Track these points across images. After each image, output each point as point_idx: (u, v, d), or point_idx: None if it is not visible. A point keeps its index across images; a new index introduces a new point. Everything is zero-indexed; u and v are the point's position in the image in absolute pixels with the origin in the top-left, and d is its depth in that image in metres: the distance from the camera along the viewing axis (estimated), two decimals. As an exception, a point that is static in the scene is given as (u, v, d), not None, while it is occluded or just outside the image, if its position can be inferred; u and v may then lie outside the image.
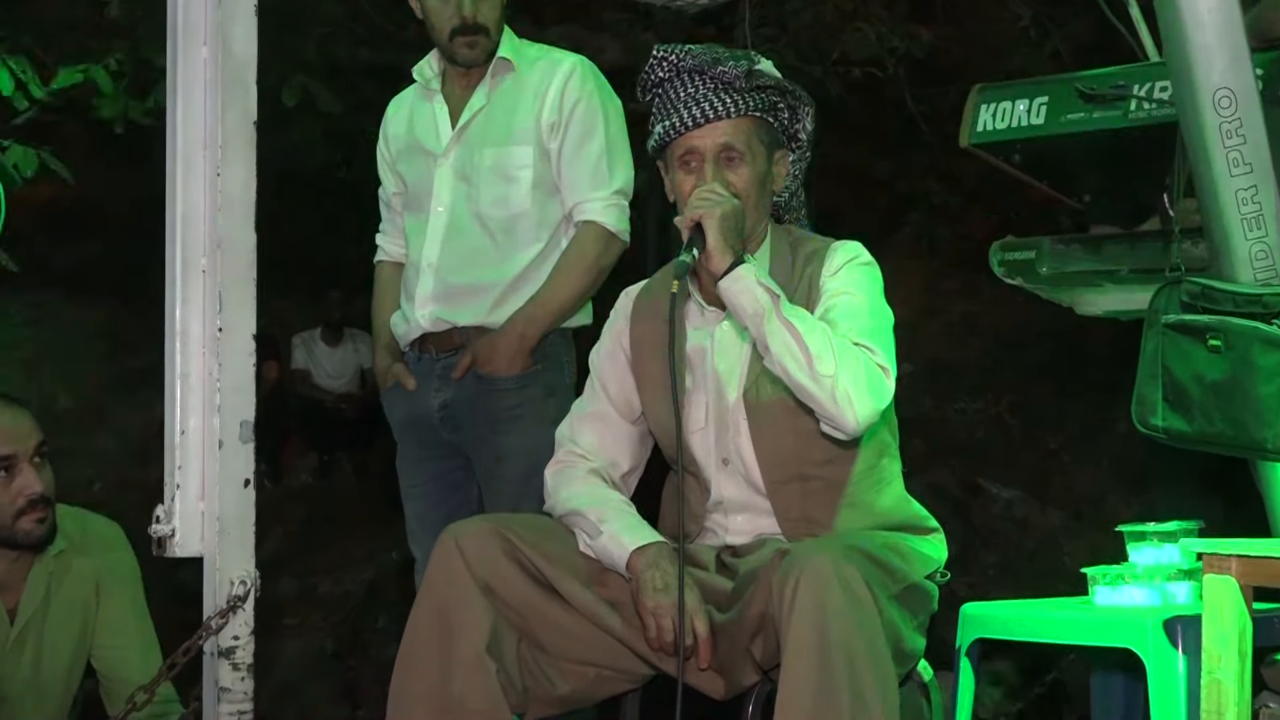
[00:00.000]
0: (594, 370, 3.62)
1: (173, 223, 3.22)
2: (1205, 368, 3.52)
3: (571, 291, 4.14)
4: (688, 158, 3.41)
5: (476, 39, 4.19)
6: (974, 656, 3.71)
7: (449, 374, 4.16)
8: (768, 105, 3.45)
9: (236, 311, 3.19)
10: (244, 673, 3.21)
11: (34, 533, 3.94)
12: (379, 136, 4.49)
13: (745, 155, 3.41)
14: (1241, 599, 3.08)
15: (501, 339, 4.09)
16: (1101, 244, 4.15)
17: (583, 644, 3.33)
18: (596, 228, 4.14)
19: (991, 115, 4.16)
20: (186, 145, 3.23)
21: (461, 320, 4.16)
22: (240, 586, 3.20)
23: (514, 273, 4.14)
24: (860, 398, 3.20)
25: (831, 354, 3.18)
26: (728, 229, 3.28)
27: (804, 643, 2.95)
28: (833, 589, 2.96)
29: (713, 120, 3.39)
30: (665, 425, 3.45)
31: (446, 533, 3.32)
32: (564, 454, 3.58)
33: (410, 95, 4.45)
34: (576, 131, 4.15)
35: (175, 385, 3.21)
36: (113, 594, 4.09)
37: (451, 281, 4.18)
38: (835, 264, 3.42)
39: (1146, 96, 3.91)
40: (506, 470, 4.08)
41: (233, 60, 3.22)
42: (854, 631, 2.96)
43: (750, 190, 3.40)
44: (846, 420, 3.22)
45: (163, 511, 3.20)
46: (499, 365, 4.09)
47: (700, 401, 3.44)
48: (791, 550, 3.12)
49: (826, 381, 3.18)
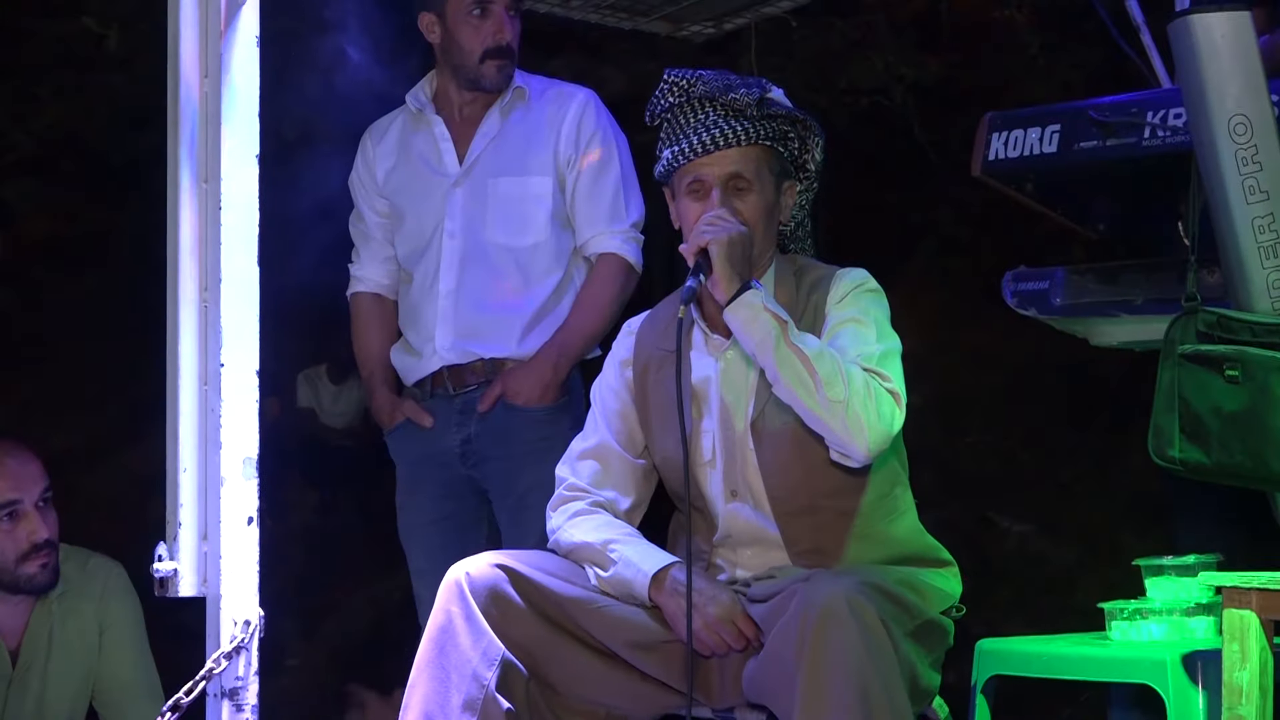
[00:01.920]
0: (596, 404, 3.59)
1: (174, 258, 3.19)
2: (1223, 399, 3.47)
3: (599, 323, 4.18)
4: (695, 185, 3.39)
5: (507, 62, 4.19)
6: (990, 693, 3.67)
7: (470, 409, 4.15)
8: (778, 134, 3.42)
9: (238, 347, 3.15)
10: (248, 714, 3.16)
11: (37, 578, 3.94)
12: (355, 166, 4.47)
13: (754, 184, 3.38)
14: (1262, 633, 3.04)
15: (535, 369, 4.11)
16: (1117, 274, 4.12)
17: (594, 683, 3.30)
18: (616, 260, 4.19)
19: (1003, 144, 4.12)
20: (187, 179, 3.20)
21: (487, 352, 4.16)
22: (244, 627, 3.14)
23: (537, 304, 4.17)
24: (871, 424, 3.17)
25: (842, 380, 3.15)
26: (735, 255, 3.25)
27: (820, 681, 2.91)
28: (849, 626, 2.92)
29: (722, 148, 3.37)
30: (671, 458, 3.40)
31: (454, 570, 3.28)
32: (565, 490, 3.54)
33: (397, 122, 4.42)
34: (593, 165, 4.18)
35: (177, 422, 3.17)
36: (115, 635, 4.08)
37: (474, 311, 4.18)
38: (841, 290, 3.39)
39: (1160, 124, 3.87)
40: (536, 500, 4.03)
41: (234, 93, 3.19)
42: (870, 669, 2.91)
43: (758, 220, 3.38)
44: (857, 447, 3.18)
45: (164, 551, 3.15)
46: (532, 396, 4.10)
47: (708, 432, 3.40)
48: (806, 584, 3.07)
49: (837, 408, 3.15)
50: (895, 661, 2.99)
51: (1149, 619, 3.57)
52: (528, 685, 3.27)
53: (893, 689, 2.96)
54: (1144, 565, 3.72)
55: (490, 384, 4.16)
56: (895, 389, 3.25)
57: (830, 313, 3.38)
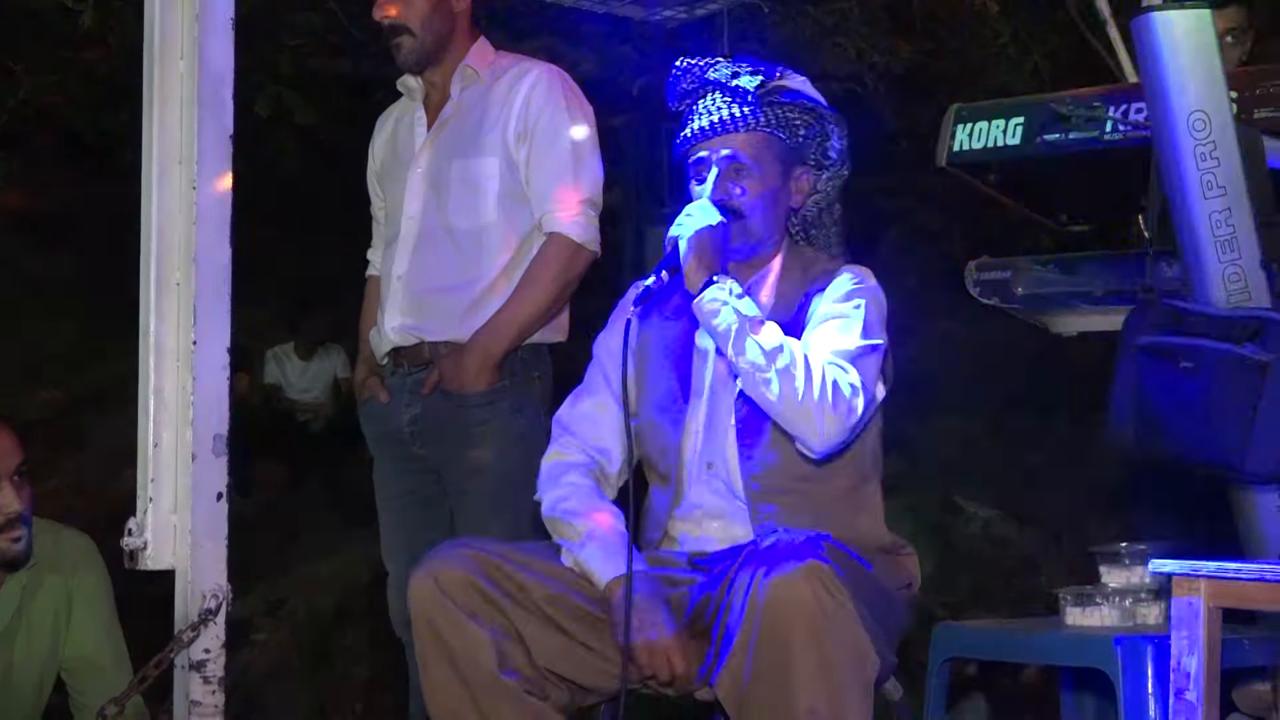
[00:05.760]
0: (597, 357, 3.62)
1: (148, 236, 3.21)
2: (1178, 390, 3.52)
3: (536, 304, 4.08)
4: (697, 167, 3.44)
5: (399, 40, 4.19)
6: (945, 675, 3.72)
7: (419, 389, 4.13)
8: (782, 121, 3.46)
9: (211, 325, 3.18)
10: (215, 686, 3.19)
11: (9, 551, 3.94)
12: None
13: (752, 169, 3.42)
14: (1210, 620, 3.08)
15: (467, 354, 4.05)
16: (1077, 265, 4.16)
17: (563, 660, 3.31)
18: (561, 239, 4.08)
19: (968, 135, 4.17)
20: (162, 159, 3.22)
21: (429, 334, 4.13)
22: (212, 600, 3.18)
23: (482, 285, 4.10)
24: (825, 417, 3.19)
25: (802, 374, 3.18)
26: (703, 249, 3.29)
27: (774, 639, 2.92)
28: (804, 583, 2.93)
29: (720, 133, 3.41)
30: (655, 426, 3.46)
31: (421, 568, 3.28)
32: (560, 443, 3.58)
33: (396, 109, 4.44)
34: (542, 141, 4.10)
35: (149, 398, 3.19)
36: (83, 608, 4.09)
37: (419, 293, 4.15)
38: (838, 286, 3.42)
39: (1122, 118, 3.91)
40: (476, 486, 4.05)
41: (209, 74, 3.21)
42: (826, 624, 2.92)
43: (755, 205, 3.41)
44: (811, 439, 3.22)
45: (135, 524, 3.18)
46: (465, 381, 4.05)
47: (697, 405, 3.45)
48: (761, 541, 3.11)
49: (793, 400, 3.18)
50: (855, 620, 2.97)
51: (1101, 604, 3.62)
52: (527, 653, 3.28)
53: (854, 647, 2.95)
54: (1097, 552, 3.77)
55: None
56: (857, 384, 3.27)
57: (822, 306, 3.42)
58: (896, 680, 3.36)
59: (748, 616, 2.96)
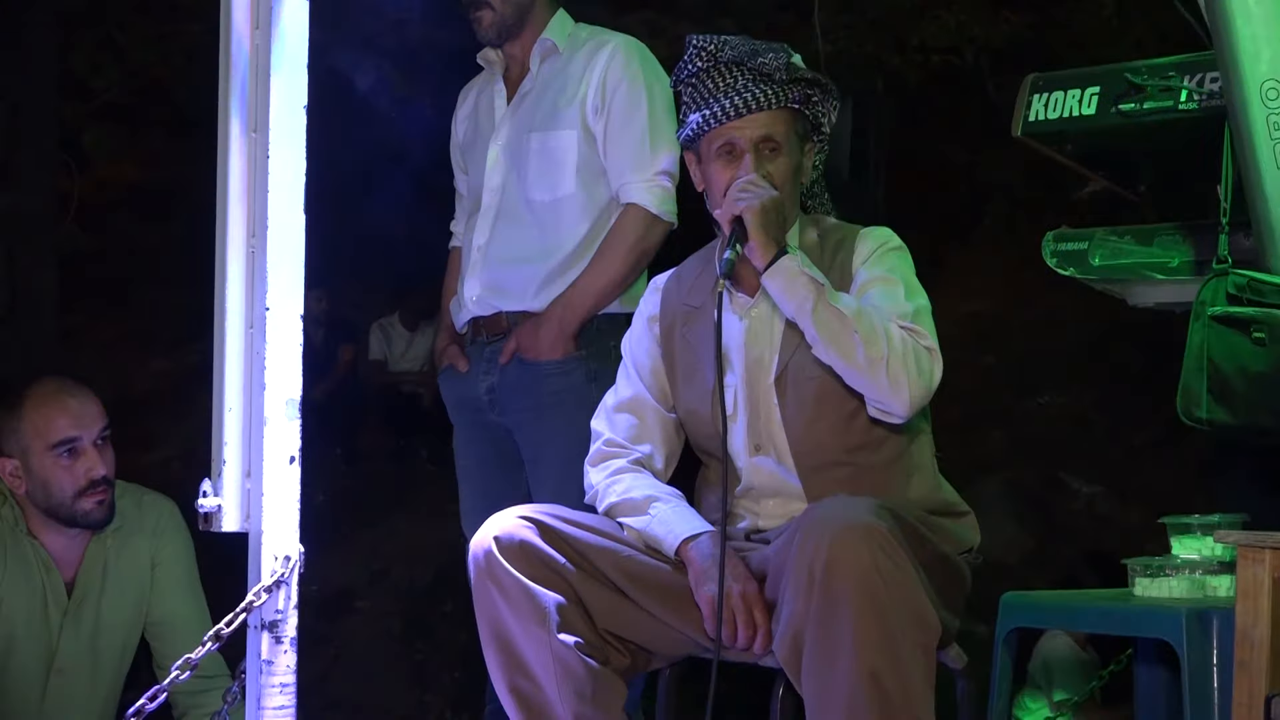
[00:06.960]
0: (627, 357, 3.65)
1: (223, 204, 3.27)
2: (1250, 360, 3.50)
3: (612, 275, 4.14)
4: (727, 148, 3.45)
5: (480, 14, 4.23)
6: (1013, 645, 3.71)
7: (496, 358, 4.19)
8: (803, 98, 3.49)
9: (284, 291, 3.23)
10: (286, 646, 3.24)
11: (93, 513, 4.02)
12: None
13: (783, 147, 3.45)
14: (1276, 591, 3.06)
15: (543, 324, 4.12)
16: (1153, 235, 4.13)
17: (624, 623, 3.36)
18: (637, 210, 4.14)
19: (1044, 105, 4.14)
20: (237, 128, 3.28)
21: (506, 305, 4.20)
22: (284, 562, 3.23)
23: (560, 257, 4.16)
24: (912, 380, 3.24)
25: (881, 338, 3.22)
26: (769, 221, 3.32)
27: (834, 604, 2.95)
28: (863, 546, 2.96)
29: (754, 111, 3.43)
30: (698, 415, 3.48)
31: (481, 536, 3.34)
32: (603, 445, 3.60)
33: (477, 82, 4.49)
34: (619, 113, 4.15)
35: (224, 364, 3.26)
36: (167, 570, 4.17)
37: (498, 266, 4.21)
38: (867, 249, 3.45)
39: (1197, 87, 3.88)
40: (549, 455, 4.11)
41: (283, 44, 3.27)
42: (886, 588, 2.95)
43: (786, 182, 3.45)
44: (897, 404, 3.26)
45: (209, 487, 3.25)
46: (541, 350, 4.11)
47: (731, 387, 3.47)
48: (819, 507, 3.13)
49: (878, 366, 3.22)
50: (916, 581, 3.02)
51: (1169, 575, 3.60)
52: (588, 617, 3.33)
53: (915, 608, 2.99)
54: (1169, 523, 3.75)
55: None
56: (932, 345, 3.32)
57: (858, 271, 3.44)
58: (960, 649, 3.37)
59: (808, 582, 2.99)
